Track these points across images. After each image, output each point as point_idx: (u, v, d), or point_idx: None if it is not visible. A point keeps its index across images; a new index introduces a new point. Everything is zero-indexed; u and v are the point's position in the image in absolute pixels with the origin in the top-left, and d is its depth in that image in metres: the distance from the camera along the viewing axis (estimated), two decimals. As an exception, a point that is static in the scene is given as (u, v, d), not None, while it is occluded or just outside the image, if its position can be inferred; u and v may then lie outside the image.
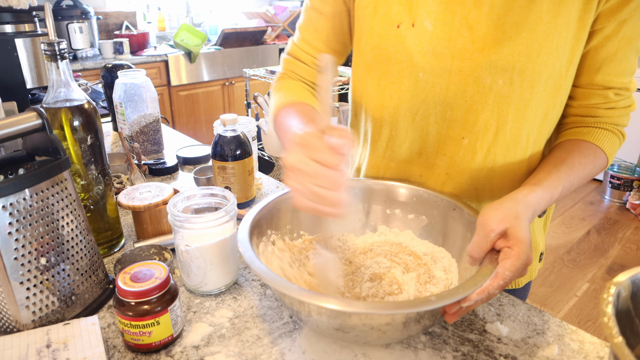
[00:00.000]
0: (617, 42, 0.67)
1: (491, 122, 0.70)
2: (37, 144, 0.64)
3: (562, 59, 0.66)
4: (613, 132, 0.73)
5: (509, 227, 0.57)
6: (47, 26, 0.68)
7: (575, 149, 0.71)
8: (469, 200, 0.78)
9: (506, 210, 0.58)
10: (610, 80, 0.70)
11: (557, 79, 0.67)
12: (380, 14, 0.71)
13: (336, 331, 0.55)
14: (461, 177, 0.75)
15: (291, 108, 0.76)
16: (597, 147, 0.72)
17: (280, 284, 0.52)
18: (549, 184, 0.64)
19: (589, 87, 0.72)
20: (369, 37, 0.73)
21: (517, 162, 0.74)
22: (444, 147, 0.74)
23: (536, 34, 0.64)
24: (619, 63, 0.69)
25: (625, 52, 0.68)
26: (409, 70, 0.71)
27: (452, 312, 0.53)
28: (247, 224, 0.64)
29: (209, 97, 3.66)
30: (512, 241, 0.56)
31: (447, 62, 0.68)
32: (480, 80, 0.67)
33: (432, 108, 0.72)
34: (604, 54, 0.68)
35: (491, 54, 0.65)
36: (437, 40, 0.68)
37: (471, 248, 0.59)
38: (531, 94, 0.67)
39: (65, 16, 3.07)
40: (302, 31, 0.85)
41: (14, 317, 0.59)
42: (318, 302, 0.49)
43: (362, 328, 0.53)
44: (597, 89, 0.71)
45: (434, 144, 0.75)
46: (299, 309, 0.55)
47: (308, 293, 0.51)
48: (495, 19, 0.65)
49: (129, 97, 1.19)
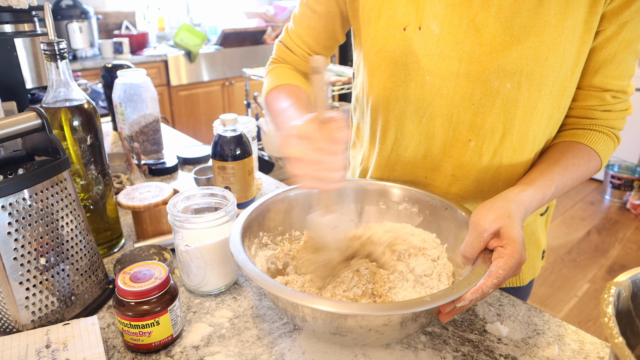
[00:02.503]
0: (617, 45, 0.67)
1: (498, 125, 0.69)
2: (36, 144, 0.64)
3: (568, 62, 0.66)
4: (608, 135, 0.73)
5: (502, 226, 0.57)
6: (46, 26, 0.68)
7: (570, 151, 0.71)
8: (474, 201, 0.78)
9: (498, 209, 0.58)
10: (608, 83, 0.70)
11: (563, 81, 0.67)
12: (385, 17, 0.71)
13: (333, 335, 0.54)
14: (467, 179, 0.75)
15: (281, 89, 0.82)
16: (591, 149, 0.72)
17: (273, 286, 0.52)
18: (542, 183, 0.65)
19: (586, 88, 0.71)
20: (374, 40, 0.73)
21: (523, 163, 0.74)
22: (450, 149, 0.74)
23: (544, 37, 0.63)
24: (617, 66, 0.69)
25: (625, 55, 0.68)
26: (416, 73, 0.70)
27: (446, 312, 0.53)
28: (238, 227, 0.64)
29: (209, 97, 3.66)
30: (505, 240, 0.56)
31: (455, 66, 0.68)
32: (488, 84, 0.67)
33: (438, 111, 0.72)
34: (603, 56, 0.68)
35: (499, 57, 0.65)
36: (445, 43, 0.67)
37: (464, 248, 0.59)
38: (538, 97, 0.67)
39: (65, 16, 3.07)
40: (295, 24, 0.87)
41: (13, 317, 0.59)
42: (311, 304, 0.49)
43: (359, 330, 0.53)
44: (594, 91, 0.71)
45: (440, 146, 0.75)
46: (294, 313, 0.54)
47: (302, 295, 0.50)
48: (504, 21, 0.64)
49: (129, 97, 1.19)
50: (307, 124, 0.57)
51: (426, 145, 0.76)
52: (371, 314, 0.49)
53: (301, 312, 0.53)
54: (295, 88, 0.82)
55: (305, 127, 0.57)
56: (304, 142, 0.56)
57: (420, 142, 0.76)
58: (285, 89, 0.81)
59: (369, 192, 0.78)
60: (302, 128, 0.57)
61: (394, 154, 0.79)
